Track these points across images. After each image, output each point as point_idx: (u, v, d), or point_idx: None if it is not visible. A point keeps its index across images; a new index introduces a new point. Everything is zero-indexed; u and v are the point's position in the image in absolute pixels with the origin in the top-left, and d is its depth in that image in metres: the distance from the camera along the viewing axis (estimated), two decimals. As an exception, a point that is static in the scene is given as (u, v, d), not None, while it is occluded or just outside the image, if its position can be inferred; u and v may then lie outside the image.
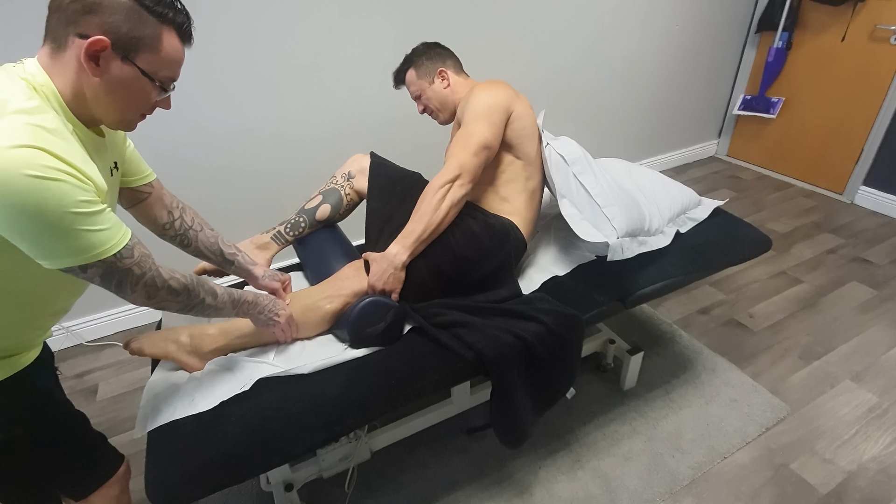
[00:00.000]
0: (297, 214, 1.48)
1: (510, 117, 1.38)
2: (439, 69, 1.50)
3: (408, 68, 1.53)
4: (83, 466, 0.99)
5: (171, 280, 0.88)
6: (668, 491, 1.47)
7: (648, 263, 1.50)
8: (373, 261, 1.27)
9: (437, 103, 1.52)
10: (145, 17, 0.76)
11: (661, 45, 2.93)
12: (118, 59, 0.76)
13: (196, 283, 0.93)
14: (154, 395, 1.11)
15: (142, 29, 0.76)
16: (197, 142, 1.95)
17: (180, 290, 0.89)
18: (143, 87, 0.80)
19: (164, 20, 0.78)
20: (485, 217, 1.37)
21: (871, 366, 1.87)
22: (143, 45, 0.77)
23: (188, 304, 0.92)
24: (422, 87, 1.51)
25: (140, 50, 0.77)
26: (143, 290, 0.84)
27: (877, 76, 2.71)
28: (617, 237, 1.40)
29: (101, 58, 0.74)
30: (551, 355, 1.25)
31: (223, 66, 1.88)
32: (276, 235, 1.46)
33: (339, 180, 1.51)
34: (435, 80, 1.50)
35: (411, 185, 1.47)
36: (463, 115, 1.38)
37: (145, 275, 0.83)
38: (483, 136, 1.30)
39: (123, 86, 0.78)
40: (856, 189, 2.94)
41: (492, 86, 1.39)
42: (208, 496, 1.08)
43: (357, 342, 1.22)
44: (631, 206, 1.48)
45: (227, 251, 1.20)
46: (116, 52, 0.75)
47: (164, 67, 0.81)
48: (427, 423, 1.51)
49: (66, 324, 2.03)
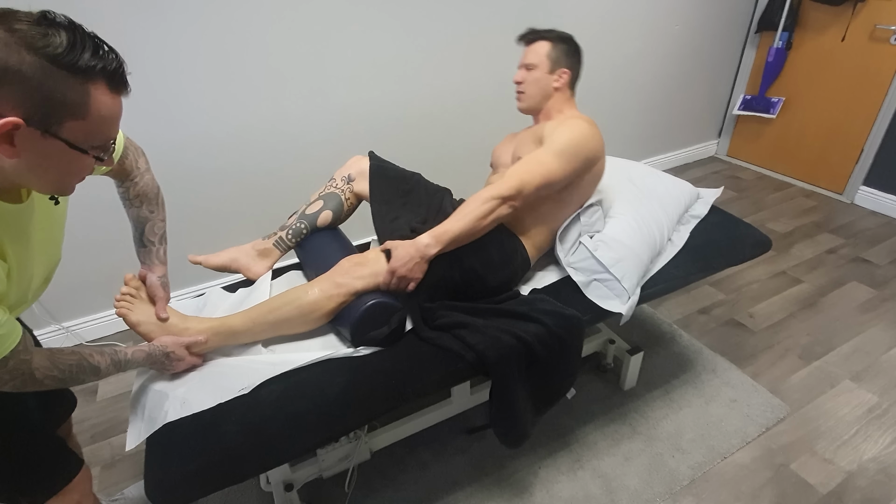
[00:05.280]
0: (299, 220, 1.47)
1: (589, 170, 1.37)
2: (565, 68, 1.45)
3: (546, 39, 1.44)
4: (31, 477, 0.97)
5: (46, 379, 0.83)
6: (668, 491, 1.47)
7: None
8: (397, 247, 1.24)
9: (536, 90, 1.45)
10: (65, 78, 0.62)
11: (661, 45, 2.93)
12: (38, 134, 0.64)
13: (76, 370, 0.87)
14: (142, 407, 1.10)
15: (63, 94, 0.63)
16: (196, 142, 1.95)
17: (54, 384, 0.85)
18: (73, 159, 0.69)
19: (90, 75, 0.64)
20: (498, 233, 1.35)
21: (871, 366, 1.87)
22: (67, 114, 0.64)
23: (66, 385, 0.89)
24: (541, 64, 1.43)
25: (63, 119, 0.64)
26: (10, 386, 0.79)
27: (877, 76, 2.71)
28: (629, 297, 1.38)
29: (15, 136, 0.63)
30: (552, 356, 1.25)
31: (223, 66, 1.88)
32: (279, 241, 1.46)
33: (339, 183, 1.50)
34: (554, 72, 1.44)
35: (413, 186, 1.48)
36: (550, 136, 1.34)
37: (14, 380, 0.79)
38: (554, 174, 1.29)
39: (49, 161, 0.67)
40: (856, 189, 2.94)
41: (591, 129, 1.35)
42: (208, 496, 1.08)
43: (359, 343, 1.22)
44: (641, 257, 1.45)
45: (147, 237, 1.14)
46: (34, 127, 0.63)
47: (97, 133, 0.69)
48: (427, 423, 1.51)
49: (66, 324, 2.03)
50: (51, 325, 2.01)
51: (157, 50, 1.75)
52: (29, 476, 0.97)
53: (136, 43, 1.71)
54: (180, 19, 1.74)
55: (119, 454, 1.63)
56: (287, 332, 1.24)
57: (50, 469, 1.00)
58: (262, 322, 1.19)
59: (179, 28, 1.75)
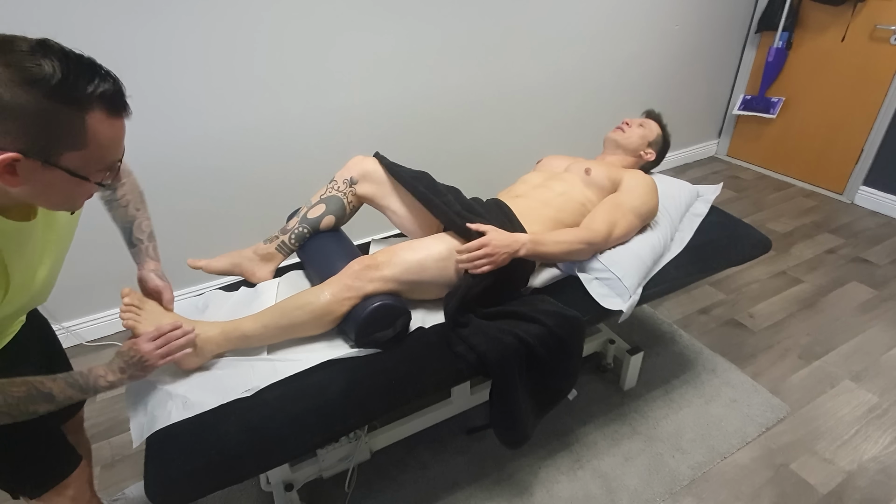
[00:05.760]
0: (300, 224, 1.44)
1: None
2: (652, 150, 1.72)
3: (658, 123, 1.77)
4: (29, 471, 0.97)
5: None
6: (668, 491, 1.47)
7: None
8: (498, 231, 1.27)
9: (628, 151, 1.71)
10: (60, 110, 0.62)
11: (661, 45, 2.93)
12: (38, 165, 0.64)
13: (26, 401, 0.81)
14: (144, 404, 1.10)
15: (59, 126, 0.63)
16: (195, 142, 1.95)
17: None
18: (75, 185, 0.69)
19: (85, 105, 0.64)
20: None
21: (871, 366, 1.87)
22: (65, 145, 0.65)
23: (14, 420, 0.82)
24: (644, 139, 1.71)
25: (62, 150, 0.65)
26: None
27: (877, 76, 2.71)
28: (630, 295, 1.39)
29: (17, 167, 0.64)
30: (552, 357, 1.25)
31: (222, 66, 1.88)
32: (281, 246, 1.44)
33: (341, 185, 1.47)
34: (644, 151, 1.71)
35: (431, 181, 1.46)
36: (630, 189, 1.52)
37: None
38: (632, 230, 1.50)
39: (52, 188, 0.68)
40: (856, 189, 2.94)
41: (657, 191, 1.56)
42: (208, 496, 1.08)
43: (362, 344, 1.22)
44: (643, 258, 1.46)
45: (136, 235, 1.13)
46: (34, 159, 0.64)
47: (97, 160, 0.69)
48: (427, 423, 1.52)
49: (66, 324, 2.03)
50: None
51: (157, 52, 1.75)
52: (26, 469, 0.98)
53: (137, 45, 1.71)
54: (180, 20, 1.74)
55: (119, 454, 1.63)
56: (298, 336, 1.23)
57: (47, 463, 1.00)
58: (275, 327, 1.19)
59: (179, 28, 1.75)
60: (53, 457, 1.01)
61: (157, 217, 1.97)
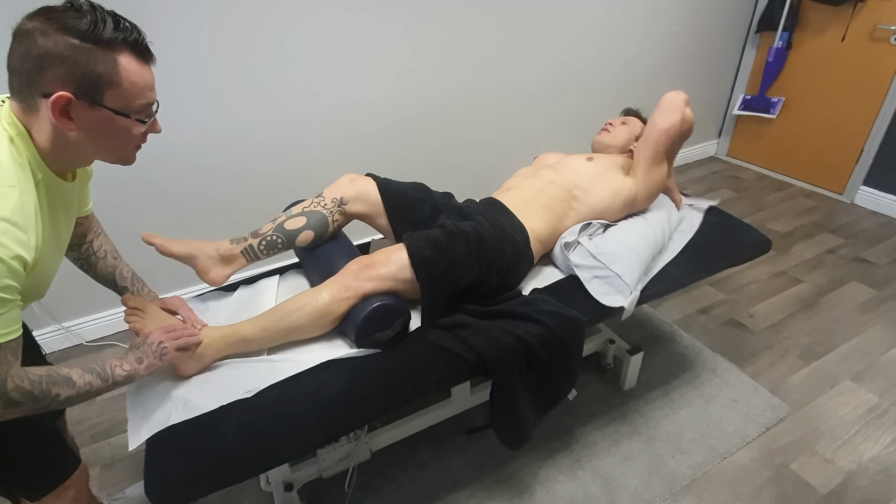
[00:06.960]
0: (275, 232, 1.33)
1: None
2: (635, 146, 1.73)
3: (639, 118, 1.84)
4: (29, 473, 0.97)
5: (15, 391, 0.77)
6: (668, 491, 1.47)
7: (648, 263, 1.50)
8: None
9: (618, 149, 1.74)
10: (93, 51, 0.73)
11: (661, 44, 2.93)
12: (86, 105, 0.75)
13: (47, 382, 0.81)
14: (143, 405, 1.10)
15: (96, 66, 0.74)
16: (195, 142, 1.95)
17: (20, 397, 0.78)
18: (122, 125, 0.80)
19: (114, 46, 0.75)
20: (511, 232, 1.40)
21: (871, 366, 1.87)
22: (104, 83, 0.75)
23: (36, 410, 0.82)
24: (631, 134, 1.76)
25: (103, 89, 0.76)
26: None
27: (877, 76, 2.71)
28: (630, 291, 1.39)
29: (70, 110, 0.74)
30: (552, 357, 1.25)
31: (222, 67, 1.88)
32: (248, 250, 1.32)
33: (329, 204, 1.39)
34: (634, 146, 1.73)
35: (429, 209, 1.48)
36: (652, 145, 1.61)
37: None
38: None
39: (103, 130, 0.79)
40: (856, 189, 2.94)
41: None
42: (208, 496, 1.08)
43: (362, 345, 1.22)
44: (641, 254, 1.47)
45: (120, 283, 1.16)
46: (82, 99, 0.75)
47: (134, 98, 0.79)
48: (427, 423, 1.52)
49: (66, 324, 2.03)
50: (51, 325, 2.01)
51: (156, 51, 1.74)
52: (26, 472, 0.98)
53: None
54: (181, 22, 1.74)
55: (119, 454, 1.63)
56: (298, 338, 1.23)
57: (47, 465, 1.00)
58: (274, 329, 1.19)
59: (180, 28, 1.75)
60: (53, 459, 1.01)
61: (157, 217, 1.99)
